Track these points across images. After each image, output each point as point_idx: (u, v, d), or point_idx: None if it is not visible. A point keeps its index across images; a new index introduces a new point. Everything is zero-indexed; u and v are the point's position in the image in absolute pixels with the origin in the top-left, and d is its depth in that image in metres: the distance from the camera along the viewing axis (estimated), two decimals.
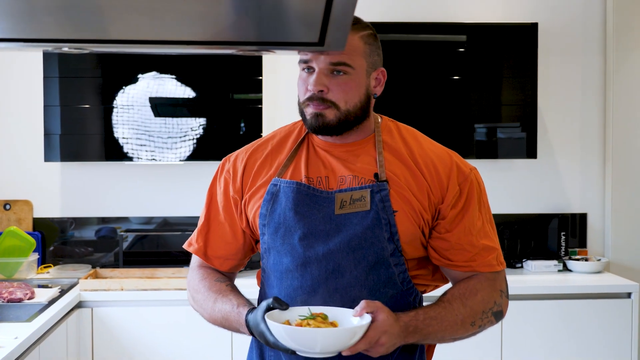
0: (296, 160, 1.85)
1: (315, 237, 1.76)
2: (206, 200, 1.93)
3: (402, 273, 1.78)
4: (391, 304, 1.76)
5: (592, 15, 4.12)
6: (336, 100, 1.76)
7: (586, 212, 4.15)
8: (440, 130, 3.90)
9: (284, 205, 1.78)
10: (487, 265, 1.82)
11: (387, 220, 1.74)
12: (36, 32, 1.40)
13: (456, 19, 4.04)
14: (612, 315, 3.58)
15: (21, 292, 3.19)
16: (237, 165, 1.89)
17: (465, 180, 1.83)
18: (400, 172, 1.79)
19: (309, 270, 1.76)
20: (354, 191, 1.76)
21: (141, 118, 3.75)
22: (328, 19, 1.39)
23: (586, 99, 4.14)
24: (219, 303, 1.78)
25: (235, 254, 1.91)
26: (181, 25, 1.45)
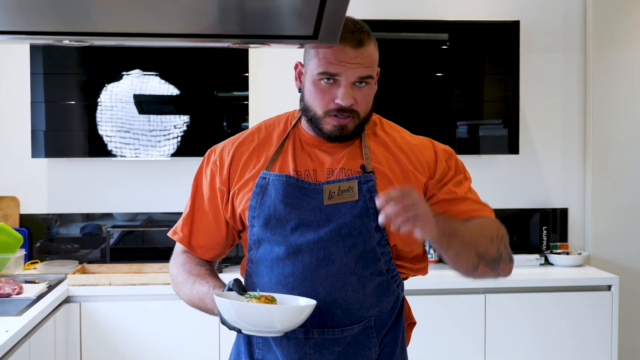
0: (284, 154, 1.89)
1: (306, 226, 1.81)
2: (191, 191, 1.97)
3: (387, 261, 1.84)
4: (377, 290, 1.83)
5: (573, 13, 4.19)
6: (360, 110, 1.83)
7: (567, 207, 4.22)
8: (423, 126, 3.95)
9: (274, 198, 1.83)
10: (480, 210, 1.88)
11: (375, 209, 1.79)
12: (37, 24, 1.43)
13: (439, 16, 4.08)
14: (593, 307, 3.65)
15: (9, 287, 3.20)
16: (223, 157, 1.92)
17: (451, 157, 1.92)
18: (385, 162, 1.86)
19: (300, 258, 1.81)
20: (342, 182, 1.82)
21: (125, 115, 3.77)
22: (323, 13, 1.42)
23: (567, 95, 4.21)
24: (197, 285, 1.83)
25: (218, 243, 1.95)
26: (176, 18, 1.48)
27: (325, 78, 1.78)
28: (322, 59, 1.77)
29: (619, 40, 4.15)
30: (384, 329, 1.87)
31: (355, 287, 1.81)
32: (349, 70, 1.77)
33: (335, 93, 1.79)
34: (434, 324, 3.56)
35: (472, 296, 3.60)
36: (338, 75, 1.78)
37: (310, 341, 1.82)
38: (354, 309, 1.82)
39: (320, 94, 1.80)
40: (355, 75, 1.78)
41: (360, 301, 1.82)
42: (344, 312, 1.81)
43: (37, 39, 1.47)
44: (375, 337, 1.85)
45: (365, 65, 1.79)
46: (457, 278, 3.71)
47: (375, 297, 1.84)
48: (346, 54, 1.75)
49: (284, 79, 3.98)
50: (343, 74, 1.77)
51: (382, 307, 1.85)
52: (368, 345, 1.85)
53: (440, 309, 3.58)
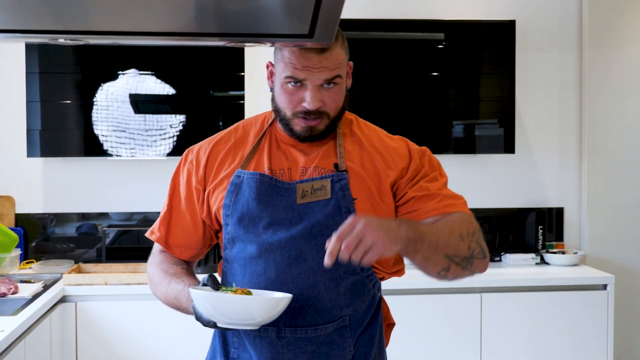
0: (259, 153, 1.89)
1: (279, 224, 1.81)
2: (169, 190, 1.98)
3: None
4: (352, 290, 1.83)
5: (569, 13, 4.20)
6: (329, 111, 1.82)
7: (563, 206, 4.23)
8: (419, 126, 3.95)
9: (247, 196, 1.83)
10: (453, 206, 1.85)
11: (347, 208, 1.80)
12: (32, 23, 1.42)
13: (435, 16, 4.09)
14: (588, 306, 3.65)
15: (5, 286, 3.20)
16: (200, 157, 1.93)
17: (424, 154, 1.92)
18: (359, 161, 1.86)
19: (272, 257, 1.81)
20: (315, 181, 1.82)
21: (121, 115, 3.76)
22: (318, 12, 1.42)
23: (563, 95, 4.22)
24: (173, 284, 1.83)
25: (196, 243, 1.95)
26: (171, 16, 1.48)
27: (292, 82, 1.78)
28: (287, 63, 1.76)
29: (614, 40, 4.15)
30: (359, 329, 1.86)
31: (327, 286, 1.80)
32: (314, 74, 1.76)
33: (302, 96, 1.79)
34: (430, 323, 3.56)
35: (468, 295, 3.60)
36: (304, 79, 1.77)
37: (283, 340, 1.81)
38: (327, 308, 1.81)
39: (288, 97, 1.80)
40: (320, 79, 1.77)
41: (333, 300, 1.81)
42: (317, 311, 1.81)
43: (32, 37, 1.47)
44: (350, 337, 1.84)
45: (330, 68, 1.77)
46: None
47: (349, 296, 1.83)
48: (310, 59, 1.74)
49: None
50: (308, 79, 1.77)
51: (356, 306, 1.84)
52: (342, 345, 1.84)
53: (436, 308, 3.58)
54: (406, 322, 3.53)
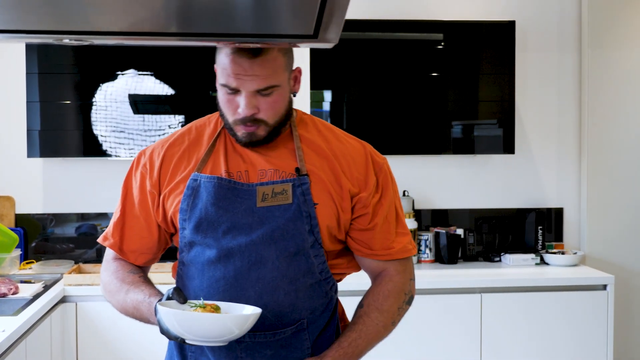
0: (215, 155, 1.86)
1: (239, 229, 1.79)
2: (121, 195, 1.93)
3: (321, 264, 1.83)
4: (310, 293, 1.83)
5: (568, 14, 4.21)
6: (266, 118, 1.78)
7: (562, 206, 4.23)
8: (418, 126, 3.95)
9: (205, 200, 1.80)
10: (404, 251, 1.90)
11: (308, 212, 1.78)
12: (36, 24, 1.42)
13: (434, 16, 4.09)
14: (588, 307, 3.66)
15: (5, 287, 3.20)
16: (153, 160, 1.89)
17: (381, 170, 1.89)
18: (319, 165, 1.84)
19: (232, 262, 1.79)
20: (276, 184, 1.79)
21: (120, 115, 3.76)
22: (323, 12, 1.42)
23: (562, 95, 4.22)
24: (131, 293, 1.80)
25: (150, 248, 1.92)
26: (176, 17, 1.47)
27: (227, 89, 1.76)
28: (221, 70, 1.75)
29: (614, 41, 4.16)
30: (317, 331, 1.87)
31: (287, 291, 1.80)
32: (246, 82, 1.73)
33: (238, 102, 1.76)
34: (430, 323, 3.56)
35: (468, 296, 3.60)
36: (236, 87, 1.75)
37: (242, 345, 1.80)
38: (286, 312, 1.81)
39: (227, 104, 1.79)
40: (252, 88, 1.73)
41: (292, 304, 1.80)
42: (276, 316, 1.80)
43: (36, 37, 1.47)
44: (308, 339, 1.85)
45: (263, 76, 1.72)
46: (453, 277, 3.73)
47: (308, 300, 1.83)
48: (241, 65, 1.71)
49: None
50: (241, 87, 1.74)
51: (314, 309, 1.84)
52: (300, 347, 1.84)
53: (436, 308, 3.58)
54: (406, 323, 3.53)
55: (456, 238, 4.00)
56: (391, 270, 1.90)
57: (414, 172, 4.16)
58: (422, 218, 4.17)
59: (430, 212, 4.18)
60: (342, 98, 3.96)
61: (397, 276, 1.90)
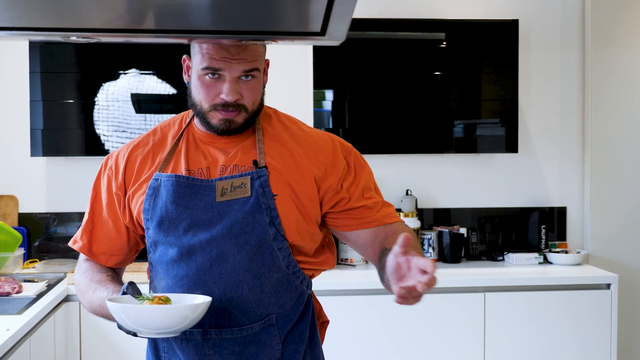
0: (177, 154, 1.88)
1: (199, 226, 1.79)
2: (90, 198, 1.96)
3: (286, 257, 1.82)
4: (277, 287, 1.82)
5: (571, 12, 4.20)
6: (247, 104, 1.80)
7: (566, 205, 4.23)
8: (421, 125, 3.95)
9: (165, 199, 1.81)
10: (390, 217, 1.89)
11: (267, 204, 1.78)
12: (44, 21, 1.42)
13: (437, 15, 4.09)
14: (592, 306, 3.65)
15: (9, 286, 3.19)
16: (119, 162, 1.92)
17: (350, 154, 1.90)
18: (279, 157, 1.84)
19: (193, 259, 1.79)
20: (234, 179, 1.80)
21: (122, 115, 3.76)
22: (331, 10, 1.42)
23: (565, 94, 4.22)
24: (98, 292, 1.81)
25: (120, 249, 1.93)
26: (186, 15, 1.47)
27: (210, 73, 1.77)
28: (205, 54, 1.75)
29: (617, 39, 4.16)
30: (287, 327, 1.86)
31: (251, 285, 1.79)
32: (232, 65, 1.74)
33: (220, 88, 1.77)
34: (433, 322, 3.56)
35: (471, 295, 3.60)
36: (221, 70, 1.76)
37: (209, 342, 1.81)
38: (252, 307, 1.80)
39: (206, 89, 1.79)
40: (239, 71, 1.76)
41: (258, 299, 1.80)
42: (242, 311, 1.80)
43: (43, 35, 1.47)
44: (278, 335, 1.84)
45: (249, 60, 1.75)
46: (456, 276, 3.72)
47: (275, 295, 1.82)
48: (228, 50, 1.73)
49: (280, 77, 3.98)
50: (226, 70, 1.75)
51: (282, 304, 1.84)
52: (270, 343, 1.83)
53: (439, 307, 3.58)
54: (409, 322, 3.54)
55: (459, 237, 3.99)
56: (394, 227, 1.87)
57: (417, 171, 4.16)
58: (424, 217, 4.16)
59: (433, 211, 4.18)
60: (345, 97, 3.96)
61: (403, 227, 1.88)
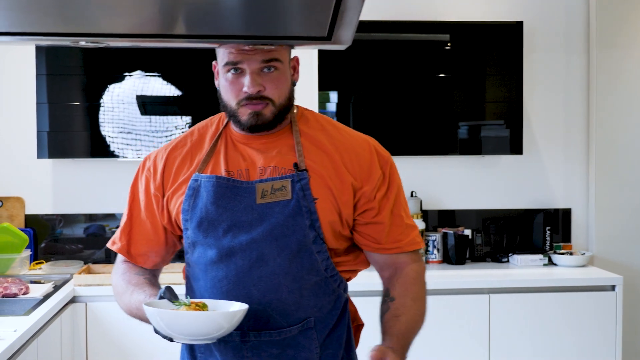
0: (215, 155, 1.88)
1: (239, 227, 1.80)
2: (128, 199, 1.96)
3: (325, 260, 1.83)
4: (315, 290, 1.82)
5: (576, 14, 4.21)
6: (272, 96, 1.79)
7: (570, 207, 4.23)
8: (425, 127, 3.96)
9: (205, 200, 1.82)
10: (412, 244, 1.90)
11: (308, 207, 1.78)
12: (53, 26, 1.44)
13: (441, 17, 4.10)
14: (597, 308, 3.66)
15: (16, 287, 3.21)
16: (157, 163, 1.92)
17: (386, 164, 1.89)
18: (319, 160, 1.84)
19: (233, 261, 1.80)
20: (275, 181, 1.80)
21: (127, 117, 3.77)
22: (337, 14, 1.43)
23: (570, 96, 4.23)
24: (135, 294, 1.81)
25: (158, 251, 1.94)
26: (193, 19, 1.49)
27: (232, 69, 1.78)
28: (224, 52, 1.76)
29: (622, 41, 4.16)
30: (326, 330, 1.86)
31: (290, 288, 1.79)
32: (250, 57, 1.75)
33: (242, 82, 1.78)
34: (438, 324, 3.57)
35: (476, 296, 3.61)
36: (240, 62, 1.76)
37: (248, 344, 1.81)
38: (291, 310, 1.80)
39: (230, 86, 1.80)
40: (257, 61, 1.75)
41: (296, 302, 1.80)
42: (281, 314, 1.80)
43: (53, 40, 1.48)
44: (316, 339, 1.84)
45: (266, 50, 1.74)
46: (461, 278, 3.73)
47: (314, 298, 1.82)
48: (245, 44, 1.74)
49: None
50: (245, 62, 1.76)
51: (320, 307, 1.84)
52: (308, 347, 1.83)
53: (444, 309, 3.59)
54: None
55: (464, 239, 4.00)
56: (406, 260, 1.90)
57: (421, 173, 4.16)
58: (429, 219, 4.17)
59: (438, 212, 4.19)
60: (349, 99, 3.97)
61: (413, 264, 1.91)
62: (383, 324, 1.85)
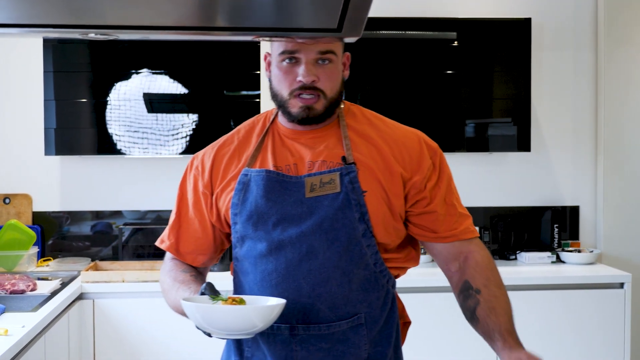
0: (263, 151, 1.89)
1: (289, 221, 1.80)
2: (177, 198, 1.97)
3: (374, 254, 1.82)
4: (364, 285, 1.81)
5: (584, 10, 4.19)
6: (324, 88, 1.81)
7: (578, 204, 4.22)
8: (432, 124, 3.95)
9: (255, 194, 1.82)
10: (468, 232, 1.89)
11: (357, 200, 1.78)
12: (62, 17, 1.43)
13: (449, 14, 4.08)
14: (605, 305, 3.64)
15: (23, 283, 3.21)
16: (204, 162, 1.93)
17: (435, 154, 1.90)
18: (367, 153, 1.84)
19: (283, 254, 1.80)
20: (323, 175, 1.80)
21: (134, 114, 3.77)
22: (348, 5, 1.42)
23: (578, 93, 4.21)
24: (180, 291, 1.82)
25: (207, 249, 1.94)
26: (199, 11, 1.48)
27: (287, 58, 1.78)
28: (281, 41, 1.77)
29: (630, 37, 4.14)
30: (376, 327, 1.84)
31: (339, 282, 1.79)
32: (308, 47, 1.76)
33: (297, 71, 1.79)
34: (445, 321, 3.55)
35: None
36: (297, 52, 1.77)
37: (296, 337, 1.80)
38: (340, 304, 1.80)
39: (284, 75, 1.81)
40: (314, 51, 1.77)
41: (345, 296, 1.79)
42: (330, 308, 1.79)
43: (62, 32, 1.48)
44: (366, 336, 1.83)
45: (325, 41, 1.77)
46: None
47: (362, 292, 1.81)
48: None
49: None
50: (302, 51, 1.77)
51: (370, 302, 1.83)
52: (357, 343, 1.82)
53: (451, 306, 3.56)
54: (420, 321, 3.53)
55: None
56: (470, 248, 1.88)
57: None
58: None
59: None
60: (356, 96, 3.96)
61: (481, 251, 1.89)
62: (480, 320, 1.86)
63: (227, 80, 3.83)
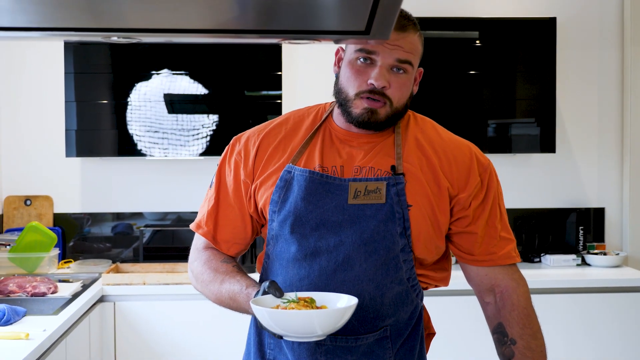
0: (311, 148, 1.81)
1: (327, 227, 1.73)
2: (215, 182, 1.88)
3: (409, 270, 1.76)
4: (395, 299, 1.76)
5: (610, 10, 4.13)
6: (392, 97, 1.75)
7: (604, 206, 4.16)
8: (455, 124, 3.90)
9: (296, 194, 1.75)
10: (507, 257, 1.83)
11: (402, 214, 1.72)
12: (84, 21, 1.41)
13: (472, 13, 4.04)
14: (631, 309, 3.59)
15: (44, 286, 3.20)
16: (249, 148, 1.85)
17: (485, 172, 1.82)
18: (418, 164, 1.78)
19: (317, 261, 1.74)
20: (369, 182, 1.74)
21: (154, 115, 3.76)
22: (376, 7, 1.39)
23: (603, 93, 4.15)
24: (227, 284, 1.75)
25: (243, 238, 1.87)
26: (224, 14, 1.45)
27: (362, 57, 1.73)
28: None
29: None
30: (400, 340, 1.80)
31: (372, 295, 1.73)
32: (387, 50, 1.71)
33: (369, 73, 1.72)
34: (468, 325, 3.51)
35: None
36: (375, 53, 1.72)
37: (322, 347, 1.75)
38: (370, 318, 1.75)
39: (355, 74, 1.74)
40: (393, 57, 1.72)
41: (377, 310, 1.74)
42: (359, 321, 1.74)
43: (84, 35, 1.45)
44: (390, 348, 1.78)
45: (405, 50, 1.72)
46: None
47: (393, 307, 1.76)
48: None
49: (318, 77, 3.96)
50: (380, 54, 1.72)
51: (398, 317, 1.78)
52: (382, 355, 1.78)
53: (473, 310, 3.52)
54: (441, 325, 3.49)
55: None
56: (504, 279, 1.84)
57: None
58: None
59: None
60: None
61: (519, 288, 1.85)
62: None
63: (248, 81, 3.80)
